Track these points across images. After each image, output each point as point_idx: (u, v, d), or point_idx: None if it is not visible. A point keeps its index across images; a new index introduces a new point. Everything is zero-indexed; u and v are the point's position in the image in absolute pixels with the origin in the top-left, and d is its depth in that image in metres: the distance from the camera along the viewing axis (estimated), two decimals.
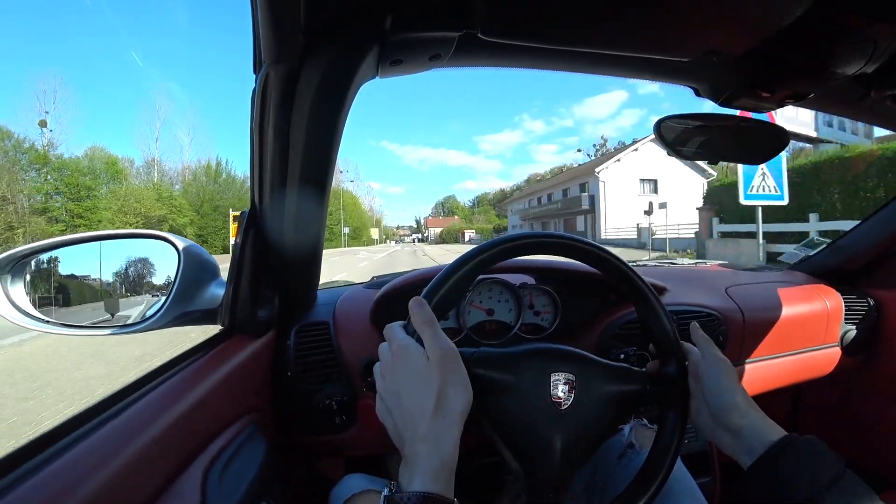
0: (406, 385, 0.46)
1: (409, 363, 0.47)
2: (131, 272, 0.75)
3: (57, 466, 0.42)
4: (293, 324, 0.87)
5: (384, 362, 0.49)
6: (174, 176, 39.62)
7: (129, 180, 32.97)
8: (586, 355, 0.61)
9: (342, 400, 0.84)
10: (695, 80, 0.70)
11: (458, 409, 0.45)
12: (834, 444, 0.51)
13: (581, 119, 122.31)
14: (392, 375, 0.47)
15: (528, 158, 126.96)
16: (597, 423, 0.58)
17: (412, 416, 0.44)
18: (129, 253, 0.75)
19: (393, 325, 0.52)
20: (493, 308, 0.95)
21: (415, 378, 0.46)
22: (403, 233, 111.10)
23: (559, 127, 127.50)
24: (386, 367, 0.49)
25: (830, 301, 1.20)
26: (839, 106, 0.79)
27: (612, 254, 0.61)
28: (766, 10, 0.44)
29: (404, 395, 0.46)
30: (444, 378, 0.46)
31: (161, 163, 39.23)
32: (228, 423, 0.65)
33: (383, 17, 0.48)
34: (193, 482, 0.52)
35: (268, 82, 0.53)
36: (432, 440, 0.43)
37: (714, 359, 0.59)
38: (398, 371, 0.47)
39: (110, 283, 0.74)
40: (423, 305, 0.50)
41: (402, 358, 0.47)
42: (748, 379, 1.12)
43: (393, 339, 0.49)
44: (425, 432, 0.43)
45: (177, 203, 33.20)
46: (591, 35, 0.52)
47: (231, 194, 37.44)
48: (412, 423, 0.44)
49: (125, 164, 34.13)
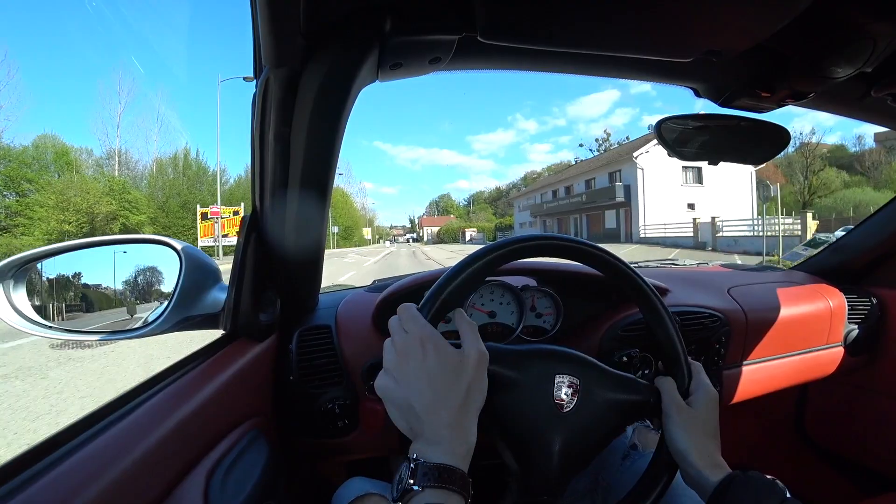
0: (436, 372, 0.47)
1: (441, 353, 0.48)
2: (134, 278, 0.75)
3: (60, 471, 0.43)
4: (295, 328, 0.87)
5: (405, 344, 0.49)
6: (141, 170, 34.13)
7: (82, 173, 28.13)
8: (594, 362, 0.61)
9: (344, 403, 0.84)
10: (695, 81, 0.70)
11: (479, 406, 0.49)
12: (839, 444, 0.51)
13: (574, 118, 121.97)
14: (420, 360, 0.48)
15: (521, 158, 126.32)
16: (597, 429, 0.58)
17: (441, 402, 0.46)
18: (131, 258, 0.75)
19: (412, 307, 0.52)
20: (494, 310, 0.95)
21: (445, 367, 0.48)
22: (397, 232, 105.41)
23: (552, 126, 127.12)
24: (410, 350, 0.48)
25: (833, 301, 1.20)
26: (839, 105, 0.79)
27: (619, 259, 0.61)
28: (766, 9, 0.44)
29: (433, 381, 0.47)
30: (477, 375, 0.49)
31: (125, 153, 33.62)
32: (231, 428, 0.65)
33: (383, 21, 0.48)
34: (196, 487, 0.52)
35: (268, 86, 0.53)
36: (459, 427, 0.46)
37: (705, 391, 0.60)
38: (429, 357, 0.48)
39: (113, 288, 0.74)
40: (463, 314, 0.55)
41: (433, 347, 0.48)
42: (751, 379, 1.12)
43: (417, 325, 0.50)
44: (452, 420, 0.46)
45: (131, 198, 28.36)
46: (591, 37, 0.52)
47: (202, 189, 32.36)
48: (439, 409, 0.46)
49: (80, 155, 29.66)
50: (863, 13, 0.47)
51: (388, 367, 0.49)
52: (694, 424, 0.57)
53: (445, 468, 0.42)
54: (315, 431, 0.85)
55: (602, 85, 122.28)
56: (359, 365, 0.85)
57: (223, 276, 0.77)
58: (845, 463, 1.31)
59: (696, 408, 0.58)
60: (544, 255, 0.60)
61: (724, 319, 1.04)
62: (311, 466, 1.03)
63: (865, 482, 1.24)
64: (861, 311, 1.23)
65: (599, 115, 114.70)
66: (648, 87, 76.57)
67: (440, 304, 0.53)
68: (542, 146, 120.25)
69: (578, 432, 0.56)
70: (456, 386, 0.47)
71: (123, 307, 0.74)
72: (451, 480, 0.42)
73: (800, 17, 0.43)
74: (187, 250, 0.72)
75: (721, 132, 0.77)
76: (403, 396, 0.47)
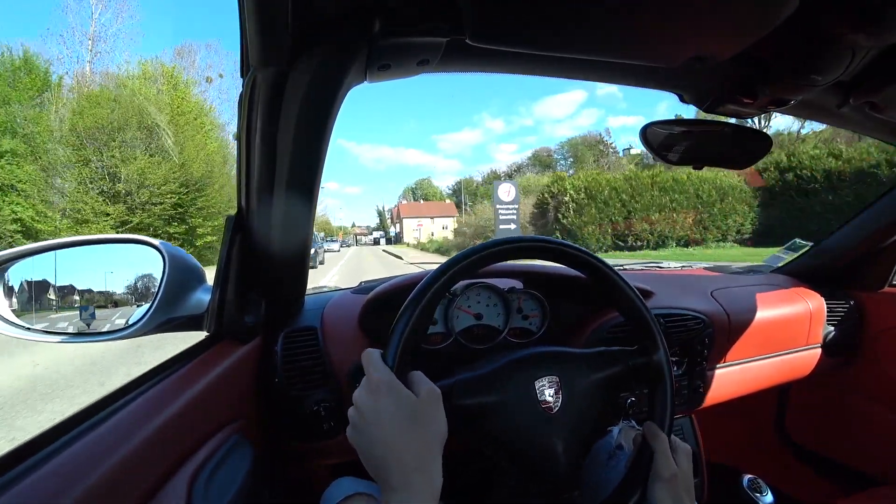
0: (395, 419, 0.48)
1: (396, 398, 0.49)
2: (115, 278, 0.74)
3: (38, 476, 0.42)
4: (280, 329, 0.86)
5: (364, 394, 0.50)
6: None
7: None
8: (564, 351, 0.61)
9: (330, 406, 0.84)
10: (679, 87, 0.71)
11: (441, 444, 0.49)
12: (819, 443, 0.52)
13: (540, 118, 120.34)
14: (378, 408, 0.48)
15: (487, 158, 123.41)
16: (591, 415, 0.59)
17: (404, 448, 0.47)
18: (112, 258, 0.74)
19: (372, 352, 0.53)
20: (481, 312, 0.95)
21: (403, 413, 0.48)
22: (360, 232, 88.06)
23: (519, 126, 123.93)
24: (369, 400, 0.49)
25: (813, 303, 1.23)
26: (819, 113, 0.80)
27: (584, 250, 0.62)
28: (750, 17, 0.45)
29: (394, 428, 0.47)
30: (434, 414, 0.50)
31: None
32: (215, 431, 0.64)
33: (371, 22, 0.48)
34: (179, 491, 0.51)
35: (255, 86, 0.53)
36: (425, 471, 0.46)
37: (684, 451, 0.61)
38: (385, 405, 0.48)
39: (94, 289, 0.72)
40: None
41: (388, 393, 0.49)
42: (733, 380, 1.14)
43: (373, 370, 0.50)
44: (418, 464, 0.46)
45: None
46: (577, 41, 0.52)
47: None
48: (403, 455, 0.46)
49: None
50: (842, 24, 0.48)
51: (351, 416, 0.50)
52: (675, 486, 0.57)
53: None
54: (300, 434, 0.85)
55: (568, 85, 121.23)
56: (344, 367, 0.85)
57: (208, 278, 0.76)
58: (825, 461, 1.34)
59: (681, 468, 0.58)
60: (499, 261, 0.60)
61: (707, 321, 1.06)
62: (297, 469, 1.02)
63: (845, 480, 1.27)
64: (839, 313, 1.26)
65: (566, 115, 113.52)
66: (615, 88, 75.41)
67: (403, 345, 0.53)
68: (508, 146, 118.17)
69: (574, 427, 0.57)
70: (414, 427, 0.48)
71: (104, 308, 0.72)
72: None
73: (781, 25, 0.45)
74: (171, 251, 0.71)
75: (705, 137, 0.78)
76: (366, 443, 0.48)
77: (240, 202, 0.71)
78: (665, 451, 0.58)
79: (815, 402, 1.39)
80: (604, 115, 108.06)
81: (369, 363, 0.51)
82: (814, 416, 1.40)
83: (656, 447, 0.58)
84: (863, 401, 1.28)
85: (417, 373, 0.53)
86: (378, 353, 0.53)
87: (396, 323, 0.54)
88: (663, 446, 0.58)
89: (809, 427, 1.41)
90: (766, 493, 1.02)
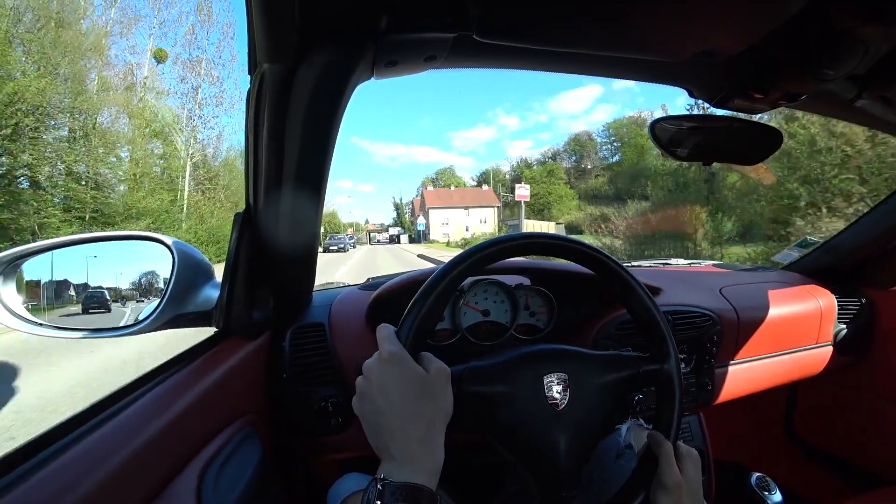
0: (404, 390, 0.48)
1: (407, 371, 0.49)
2: (125, 275, 0.75)
3: (51, 469, 0.42)
4: (288, 325, 0.87)
5: (375, 365, 0.50)
6: None
7: None
8: (576, 350, 0.61)
9: (337, 402, 0.84)
10: (688, 82, 0.71)
11: (445, 421, 0.50)
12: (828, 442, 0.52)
13: (555, 114, 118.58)
14: (387, 379, 0.49)
15: (501, 154, 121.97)
16: (596, 416, 0.58)
17: (410, 419, 0.47)
18: (123, 255, 0.75)
19: (387, 327, 0.53)
20: (488, 309, 0.95)
21: (412, 385, 0.49)
22: (374, 228, 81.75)
23: (534, 122, 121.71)
24: (380, 370, 0.50)
25: (823, 301, 1.21)
26: (831, 107, 0.79)
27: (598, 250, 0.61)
28: (759, 11, 0.45)
29: (402, 398, 0.48)
30: (441, 391, 0.51)
31: None
32: (224, 426, 0.65)
33: (378, 18, 0.48)
34: (189, 485, 0.52)
35: (263, 83, 0.53)
36: (428, 444, 0.47)
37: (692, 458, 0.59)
38: (395, 375, 0.49)
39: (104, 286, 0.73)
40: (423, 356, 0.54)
41: (400, 365, 0.49)
42: (742, 378, 1.13)
43: (387, 343, 0.51)
44: (422, 436, 0.47)
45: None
46: (585, 36, 0.52)
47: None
48: (408, 426, 0.47)
49: None
50: (854, 16, 0.47)
51: (359, 384, 0.51)
52: (679, 495, 0.56)
53: (412, 487, 0.43)
54: (308, 429, 0.85)
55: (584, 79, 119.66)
56: (352, 363, 0.85)
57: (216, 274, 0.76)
58: (834, 460, 1.33)
59: (687, 476, 0.57)
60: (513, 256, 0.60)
61: (716, 319, 1.05)
62: (305, 464, 1.03)
63: (854, 479, 1.26)
64: (850, 311, 1.25)
65: (581, 111, 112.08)
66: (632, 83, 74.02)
67: (419, 324, 0.54)
68: (522, 142, 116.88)
69: (578, 426, 0.57)
70: (422, 401, 0.48)
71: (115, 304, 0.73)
72: (418, 500, 0.43)
73: (792, 19, 0.44)
74: (180, 247, 0.71)
75: (714, 133, 0.77)
76: (373, 412, 0.48)
77: (248, 199, 0.72)
78: (670, 459, 0.57)
79: (824, 400, 1.38)
80: (619, 109, 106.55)
81: (383, 337, 0.52)
82: (823, 415, 1.39)
83: (661, 455, 0.57)
84: (873, 399, 1.27)
85: (428, 353, 0.54)
86: (392, 328, 0.53)
87: (413, 304, 0.55)
88: (668, 455, 0.57)
89: (819, 425, 1.40)
90: (775, 491, 1.02)
